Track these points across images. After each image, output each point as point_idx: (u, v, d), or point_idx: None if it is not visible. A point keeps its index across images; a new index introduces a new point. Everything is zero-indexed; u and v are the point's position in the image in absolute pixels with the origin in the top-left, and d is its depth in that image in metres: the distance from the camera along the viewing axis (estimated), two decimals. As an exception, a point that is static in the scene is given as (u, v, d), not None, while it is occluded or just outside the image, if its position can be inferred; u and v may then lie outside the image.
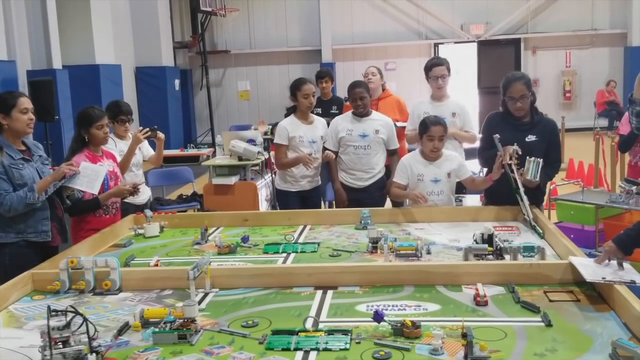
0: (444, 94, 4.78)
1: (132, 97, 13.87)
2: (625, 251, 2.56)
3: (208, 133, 15.68)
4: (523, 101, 3.68)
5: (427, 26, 16.34)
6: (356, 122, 4.57)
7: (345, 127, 4.58)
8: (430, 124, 3.90)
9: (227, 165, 6.27)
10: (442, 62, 4.79)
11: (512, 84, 3.70)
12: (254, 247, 3.38)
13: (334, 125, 4.69)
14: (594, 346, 1.98)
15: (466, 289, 2.56)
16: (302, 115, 4.69)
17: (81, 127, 3.83)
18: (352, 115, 4.62)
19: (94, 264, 2.76)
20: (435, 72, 4.71)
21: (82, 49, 11.39)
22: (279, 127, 4.73)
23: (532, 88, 3.73)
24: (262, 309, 2.45)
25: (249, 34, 16.76)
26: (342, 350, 2.01)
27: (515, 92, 3.68)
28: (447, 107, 4.71)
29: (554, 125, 3.86)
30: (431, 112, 4.64)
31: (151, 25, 14.21)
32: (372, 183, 4.56)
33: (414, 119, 4.74)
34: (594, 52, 16.03)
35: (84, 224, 3.76)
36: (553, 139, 3.73)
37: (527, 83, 3.70)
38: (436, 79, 4.70)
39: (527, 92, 3.68)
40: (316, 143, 4.67)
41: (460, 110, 4.73)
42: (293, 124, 4.66)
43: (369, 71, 5.63)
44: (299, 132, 4.63)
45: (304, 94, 4.58)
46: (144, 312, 2.32)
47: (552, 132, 3.76)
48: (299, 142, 4.61)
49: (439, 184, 3.93)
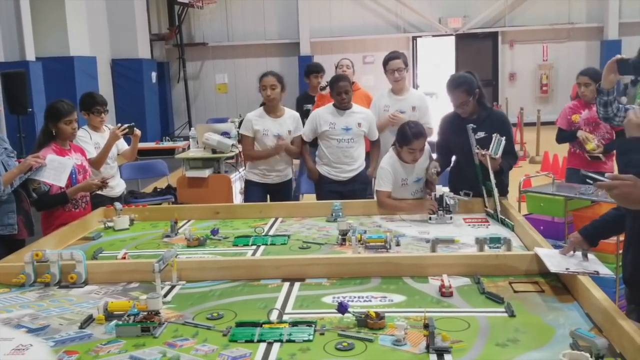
0: (402, 87, 4.84)
1: (108, 90, 13.72)
2: (590, 242, 2.58)
3: (186, 126, 15.58)
4: (463, 108, 3.73)
5: (405, 19, 16.38)
6: (339, 116, 4.56)
7: (327, 121, 4.57)
8: (413, 138, 3.74)
9: (201, 158, 6.23)
10: (397, 55, 4.82)
11: (452, 93, 3.75)
12: (224, 240, 3.36)
13: (314, 116, 4.67)
14: (555, 336, 2.00)
15: (432, 280, 2.57)
16: (271, 108, 4.68)
17: (49, 121, 3.78)
18: (334, 108, 4.60)
19: (59, 257, 2.72)
20: (391, 66, 4.75)
21: (56, 41, 11.23)
22: (245, 118, 4.77)
23: (474, 90, 3.69)
24: (228, 302, 2.44)
25: (227, 26, 16.66)
26: (305, 342, 2.01)
27: (455, 100, 3.73)
28: (407, 101, 4.78)
29: (503, 118, 3.88)
30: (391, 106, 4.74)
31: (127, 16, 14.06)
32: (355, 175, 4.59)
33: (375, 111, 4.83)
34: (570, 45, 16.20)
35: (53, 219, 3.73)
36: (503, 132, 3.62)
37: (467, 90, 3.69)
38: (392, 72, 4.75)
39: (467, 97, 3.69)
40: (281, 137, 4.64)
41: (420, 104, 4.79)
42: (260, 116, 4.68)
43: (343, 63, 5.65)
44: (263, 125, 4.63)
45: (262, 85, 4.59)
46: (108, 305, 2.30)
47: (500, 126, 3.71)
48: (263, 135, 4.62)
49: (420, 182, 3.96)
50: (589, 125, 4.85)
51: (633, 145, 2.29)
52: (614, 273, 2.83)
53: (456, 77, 3.83)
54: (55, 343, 2.10)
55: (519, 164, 9.38)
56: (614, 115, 3.21)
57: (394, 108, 4.74)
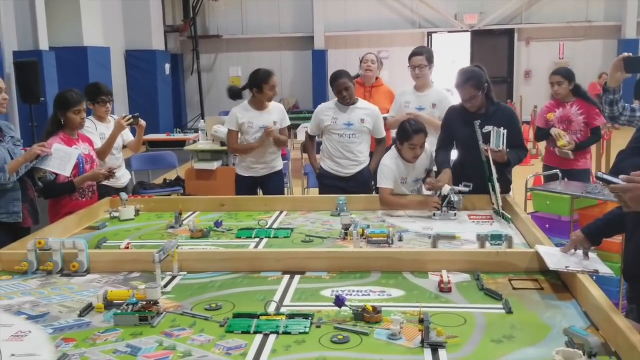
0: (424, 83, 4.76)
1: (122, 81, 13.80)
2: (593, 241, 2.56)
3: (198, 118, 15.62)
4: (472, 102, 3.70)
5: (420, 15, 16.31)
6: (341, 111, 4.55)
7: (330, 115, 4.56)
8: (412, 133, 3.75)
9: (209, 150, 6.25)
10: (421, 51, 4.76)
11: (460, 88, 3.71)
12: (227, 232, 3.37)
13: (318, 111, 4.69)
14: (551, 334, 1.99)
15: (432, 275, 2.56)
16: (259, 103, 4.69)
17: (58, 110, 3.81)
18: (338, 103, 4.59)
19: (61, 245, 2.75)
20: (413, 62, 4.70)
21: (69, 31, 11.28)
22: (230, 112, 4.79)
23: (482, 85, 3.67)
24: (227, 293, 2.45)
25: (241, 19, 16.68)
26: (301, 334, 2.02)
27: (464, 95, 3.70)
28: (428, 97, 4.72)
29: (510, 112, 3.85)
30: (413, 102, 4.69)
31: (142, 7, 14.11)
32: (358, 172, 4.54)
33: (397, 106, 4.84)
34: (587, 44, 16.05)
35: (60, 207, 3.76)
36: (511, 126, 3.64)
37: (475, 84, 3.65)
38: (413, 68, 4.69)
39: (476, 92, 3.65)
40: (268, 127, 4.63)
41: (440, 101, 4.68)
42: (245, 110, 4.70)
43: (368, 58, 5.53)
44: (247, 118, 4.65)
45: (271, 85, 4.60)
46: (107, 294, 2.32)
47: (508, 120, 3.71)
48: (248, 128, 4.65)
49: (419, 182, 3.96)
50: (562, 123, 4.97)
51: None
52: (615, 272, 2.81)
53: (464, 71, 3.80)
54: (53, 330, 2.12)
55: (530, 161, 9.33)
56: (620, 114, 3.19)
57: (414, 104, 4.68)
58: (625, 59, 3.04)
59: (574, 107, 4.92)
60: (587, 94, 5.02)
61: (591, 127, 4.91)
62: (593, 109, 4.86)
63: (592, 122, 4.87)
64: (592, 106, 4.87)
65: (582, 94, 4.96)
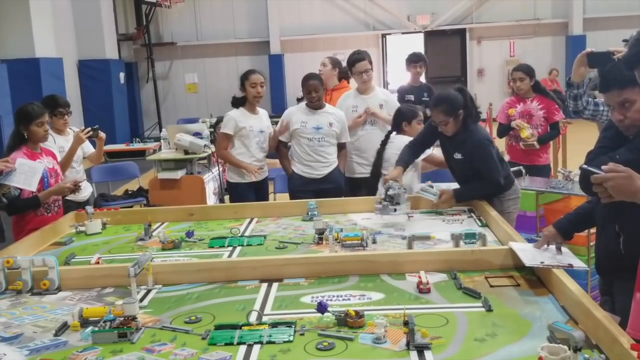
0: (369, 86, 4.88)
1: (76, 92, 13.50)
2: (564, 236, 2.63)
3: (155, 127, 15.43)
4: (442, 127, 3.61)
5: (374, 17, 16.45)
6: (310, 115, 4.61)
7: (299, 119, 4.61)
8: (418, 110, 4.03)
9: (173, 159, 6.16)
10: (363, 56, 4.84)
11: (431, 110, 3.73)
12: (199, 242, 3.33)
13: (286, 115, 4.74)
14: (532, 330, 2.02)
15: (410, 277, 2.58)
16: (250, 106, 4.73)
17: (20, 124, 3.72)
18: (306, 107, 4.66)
19: (31, 264, 2.67)
20: (359, 68, 4.79)
21: (20, 42, 10.96)
22: (226, 116, 4.77)
23: (455, 112, 3.53)
24: (206, 304, 2.41)
25: (196, 25, 16.54)
26: (285, 343, 2.00)
27: (434, 118, 3.66)
28: (374, 99, 4.86)
29: (476, 145, 3.57)
30: (359, 105, 4.81)
31: (94, 16, 13.82)
32: (329, 172, 4.62)
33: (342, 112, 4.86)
34: (536, 41, 16.45)
35: (24, 224, 3.66)
36: (474, 158, 3.56)
37: (446, 110, 3.54)
38: (360, 74, 4.77)
39: (446, 118, 3.54)
40: (264, 133, 4.76)
41: (386, 101, 4.86)
42: (242, 114, 4.71)
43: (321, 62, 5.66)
44: (248, 123, 4.68)
45: (251, 82, 4.63)
46: (83, 312, 2.26)
47: (471, 152, 3.57)
48: (249, 132, 4.66)
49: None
50: (523, 118, 5.15)
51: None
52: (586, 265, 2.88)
53: (439, 95, 3.71)
54: (29, 352, 2.05)
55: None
56: (584, 109, 3.26)
57: (361, 107, 4.79)
58: (588, 55, 3.12)
59: (535, 102, 5.08)
60: (547, 90, 5.19)
61: (550, 122, 5.09)
62: (552, 104, 5.02)
63: (551, 118, 5.03)
64: (552, 102, 5.03)
65: (542, 90, 5.14)
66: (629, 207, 1.96)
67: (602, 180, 1.87)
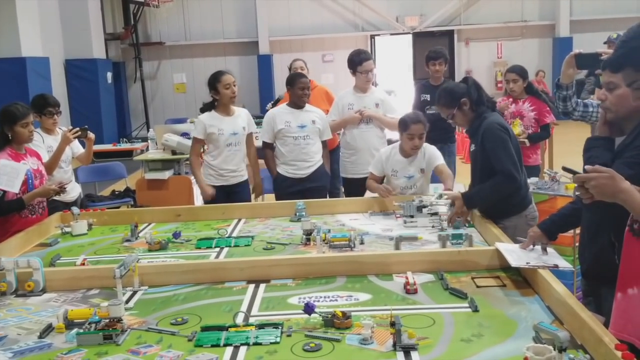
0: (369, 85, 4.92)
1: (62, 91, 13.40)
2: (549, 236, 2.64)
3: (143, 127, 15.35)
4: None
5: (363, 18, 16.47)
6: (294, 114, 4.62)
7: (283, 119, 4.61)
8: (410, 123, 3.81)
9: (160, 159, 6.14)
10: (369, 56, 4.91)
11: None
12: (186, 243, 3.32)
13: (269, 117, 4.70)
14: (518, 330, 2.03)
15: (397, 277, 2.58)
16: (224, 108, 4.56)
17: (4, 125, 3.69)
18: (289, 107, 4.67)
19: (15, 265, 2.64)
20: (365, 67, 4.80)
21: (6, 41, 10.87)
22: (196, 120, 4.67)
23: (455, 102, 3.31)
24: (193, 306, 2.40)
25: (184, 25, 16.48)
26: (272, 344, 2.00)
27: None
28: (370, 98, 4.88)
29: (486, 130, 3.25)
30: (355, 103, 4.81)
31: (81, 15, 13.73)
32: (313, 171, 4.63)
33: (338, 109, 4.91)
34: (524, 43, 16.55)
35: (9, 226, 3.61)
36: (485, 146, 3.23)
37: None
38: (366, 73, 4.79)
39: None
40: (237, 135, 4.55)
41: (382, 100, 4.88)
42: (213, 118, 4.53)
43: (297, 65, 5.62)
44: (218, 126, 4.50)
45: (224, 84, 4.47)
46: (68, 313, 2.24)
47: (482, 140, 3.26)
48: (219, 136, 4.49)
49: (412, 179, 3.95)
50: (514, 119, 5.16)
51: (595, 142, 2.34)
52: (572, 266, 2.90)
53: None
54: (13, 354, 2.03)
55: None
56: (573, 110, 3.28)
57: (358, 106, 4.79)
58: (577, 56, 3.13)
59: (526, 103, 5.14)
60: (539, 92, 5.23)
61: (541, 124, 5.13)
62: (544, 106, 5.08)
63: (542, 119, 5.08)
64: (544, 104, 5.08)
65: (534, 91, 5.19)
66: (622, 215, 1.95)
67: (584, 179, 1.87)
